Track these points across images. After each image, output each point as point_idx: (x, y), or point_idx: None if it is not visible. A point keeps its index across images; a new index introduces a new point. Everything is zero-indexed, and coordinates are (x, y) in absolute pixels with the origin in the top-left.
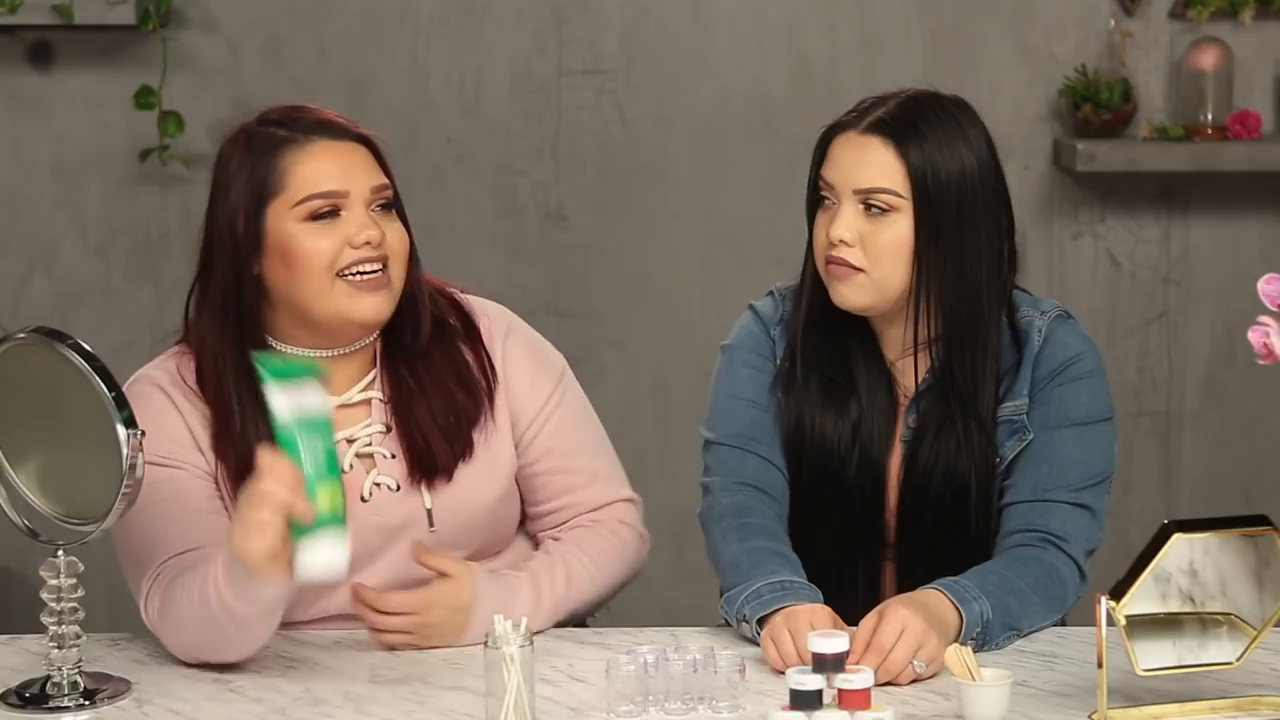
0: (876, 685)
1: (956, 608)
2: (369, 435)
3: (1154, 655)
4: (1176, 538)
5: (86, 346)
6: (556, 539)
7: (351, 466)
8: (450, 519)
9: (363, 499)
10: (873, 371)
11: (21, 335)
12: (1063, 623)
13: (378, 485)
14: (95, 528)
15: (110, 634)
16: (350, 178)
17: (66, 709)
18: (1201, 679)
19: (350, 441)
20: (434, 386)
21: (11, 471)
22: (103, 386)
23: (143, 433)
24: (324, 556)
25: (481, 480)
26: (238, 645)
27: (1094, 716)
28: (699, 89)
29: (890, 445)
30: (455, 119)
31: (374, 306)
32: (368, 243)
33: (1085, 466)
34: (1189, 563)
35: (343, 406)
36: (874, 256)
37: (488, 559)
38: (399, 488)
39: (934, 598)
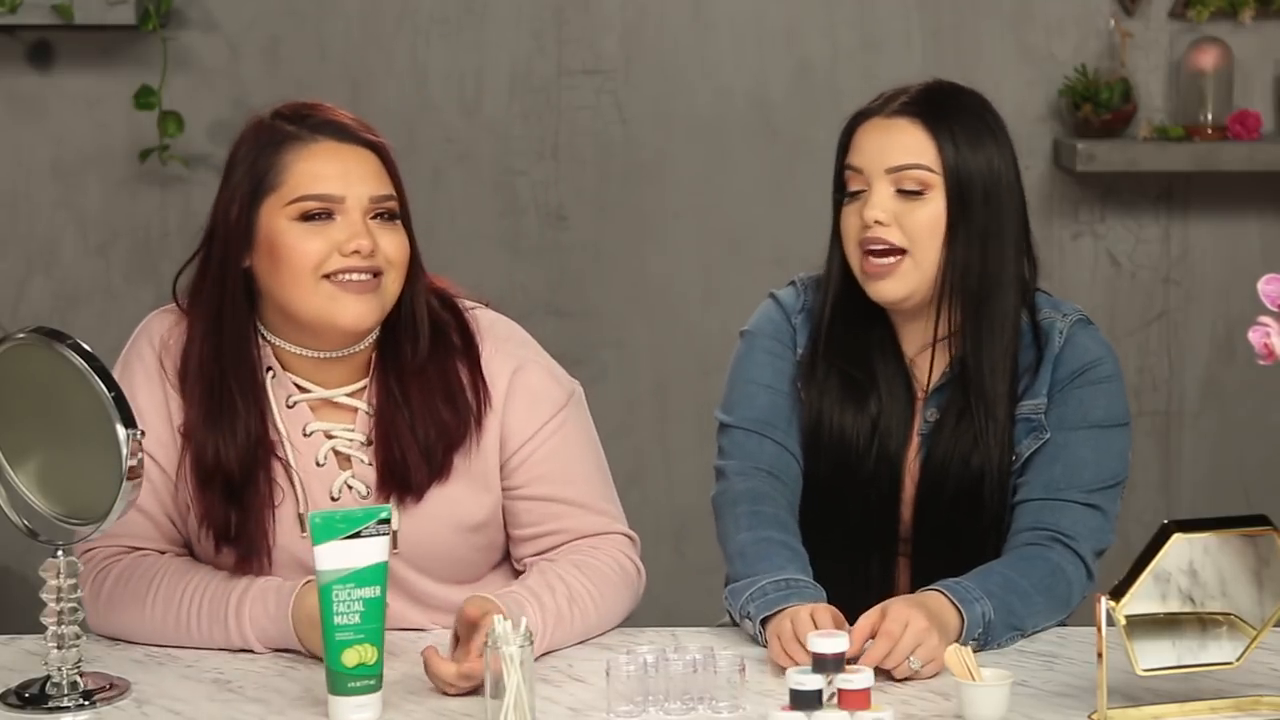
0: (874, 669)
1: (958, 609)
2: (350, 440)
3: (1154, 655)
4: (1176, 538)
5: (86, 346)
6: (551, 560)
7: (327, 460)
8: (416, 540)
9: (332, 498)
10: (891, 367)
11: (21, 335)
12: (1064, 622)
13: (349, 488)
14: (95, 528)
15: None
16: (349, 183)
17: (66, 709)
18: (1201, 679)
19: (329, 436)
20: (421, 402)
21: (11, 471)
22: (103, 386)
23: (142, 433)
24: (350, 716)
25: (455, 504)
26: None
27: (1094, 716)
28: (699, 89)
29: (908, 440)
30: (455, 119)
31: (357, 311)
32: (356, 251)
33: (1099, 468)
34: (1189, 563)
35: (328, 403)
36: (912, 235)
37: (453, 589)
38: (368, 494)
39: (935, 599)
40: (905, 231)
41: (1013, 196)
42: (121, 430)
